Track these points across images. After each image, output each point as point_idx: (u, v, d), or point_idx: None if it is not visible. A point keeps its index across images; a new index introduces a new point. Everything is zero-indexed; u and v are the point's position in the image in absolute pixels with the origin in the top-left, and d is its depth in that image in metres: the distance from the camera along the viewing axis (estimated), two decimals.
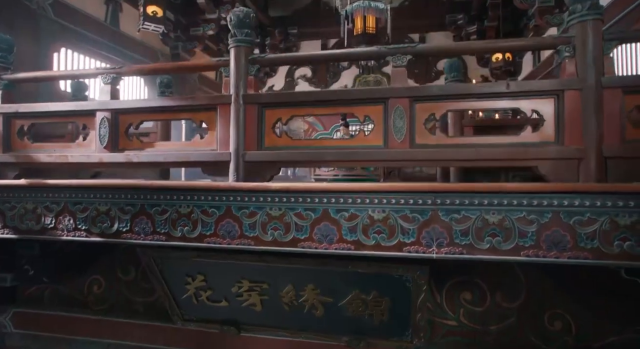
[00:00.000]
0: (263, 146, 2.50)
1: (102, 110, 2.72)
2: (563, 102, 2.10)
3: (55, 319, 3.61)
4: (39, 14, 5.49)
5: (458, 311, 2.81)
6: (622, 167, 2.03)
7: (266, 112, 2.50)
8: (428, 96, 2.26)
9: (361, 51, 2.44)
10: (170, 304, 3.19)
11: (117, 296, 3.49)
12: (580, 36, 2.09)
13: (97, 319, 3.52)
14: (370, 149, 2.33)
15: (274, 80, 12.44)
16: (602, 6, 2.08)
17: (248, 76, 2.51)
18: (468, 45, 2.44)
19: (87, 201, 2.64)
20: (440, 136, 2.24)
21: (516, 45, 2.38)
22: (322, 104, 2.46)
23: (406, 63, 2.30)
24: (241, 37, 2.50)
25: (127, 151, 2.70)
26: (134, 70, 2.86)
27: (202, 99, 2.60)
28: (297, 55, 2.93)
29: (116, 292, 3.50)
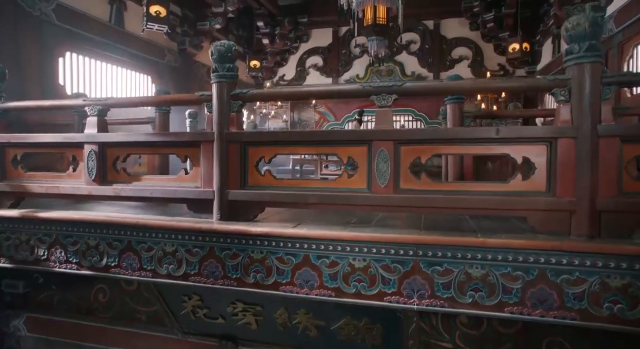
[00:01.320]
0: (247, 184, 2.46)
1: (90, 143, 2.72)
2: (556, 151, 1.97)
3: (65, 325, 3.74)
4: (42, 20, 5.49)
5: (454, 334, 2.77)
6: (617, 221, 1.91)
7: (249, 150, 2.45)
8: (414, 139, 2.15)
9: (346, 89, 2.33)
10: (170, 319, 3.27)
11: (122, 305, 3.58)
12: (577, 80, 1.93)
13: (103, 327, 3.63)
14: (354, 193, 2.26)
15: (285, 70, 12.29)
16: (602, 47, 1.91)
17: (231, 113, 2.45)
18: (460, 84, 2.30)
19: (77, 235, 2.68)
20: (426, 180, 2.14)
21: (511, 86, 2.21)
22: (306, 144, 2.39)
23: (391, 103, 2.19)
24: (223, 72, 2.43)
25: (115, 185, 2.71)
26: (120, 102, 2.83)
27: (185, 135, 2.56)
28: (281, 92, 2.83)
29: (120, 301, 3.58)
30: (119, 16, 6.86)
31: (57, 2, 5.65)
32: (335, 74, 11.86)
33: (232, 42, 2.46)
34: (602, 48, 1.91)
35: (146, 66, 7.65)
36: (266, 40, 10.96)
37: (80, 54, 6.23)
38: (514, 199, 2.02)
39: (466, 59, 10.85)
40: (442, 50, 11.03)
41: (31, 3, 5.30)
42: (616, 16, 5.86)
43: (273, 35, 11.03)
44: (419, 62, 11.20)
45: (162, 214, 2.74)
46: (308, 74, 12.16)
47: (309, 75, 12.15)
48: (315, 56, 12.06)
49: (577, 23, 1.90)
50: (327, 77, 11.96)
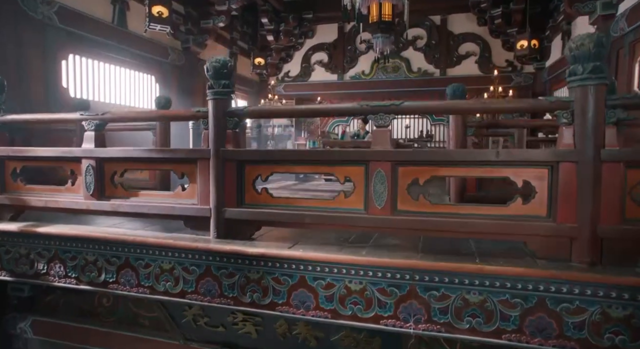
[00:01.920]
0: (243, 202, 2.44)
1: (87, 158, 2.71)
2: (557, 175, 1.91)
3: (70, 329, 3.78)
4: (44, 23, 5.47)
5: (455, 346, 2.75)
6: (620, 248, 1.86)
7: (246, 168, 2.42)
8: (412, 160, 2.11)
9: (343, 107, 2.28)
10: (171, 326, 3.29)
11: (125, 310, 3.60)
12: (580, 102, 1.87)
13: (106, 331, 3.66)
14: (351, 213, 2.22)
15: (290, 67, 12.20)
16: (606, 68, 1.84)
17: (227, 130, 2.42)
18: (456, 104, 2.24)
19: (75, 250, 2.68)
20: (423, 202, 2.10)
21: (512, 107, 2.14)
22: (303, 163, 2.35)
23: (389, 123, 2.14)
24: (218, 89, 2.39)
25: (113, 200, 2.70)
26: (118, 116, 2.81)
27: (182, 152, 2.53)
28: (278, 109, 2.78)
29: (124, 306, 3.61)
30: (121, 16, 6.82)
31: (59, 4, 5.62)
32: (341, 70, 11.76)
33: (228, 58, 2.42)
34: (606, 69, 1.84)
35: (149, 66, 7.63)
36: (270, 36, 10.87)
37: (83, 55, 6.22)
38: (514, 223, 1.97)
39: (473, 55, 10.69)
40: (448, 45, 10.87)
41: (33, 6, 5.28)
42: (628, 15, 5.70)
43: (277, 31, 10.93)
44: (425, 58, 11.06)
45: (161, 228, 2.74)
46: (313, 70, 12.08)
47: (313, 72, 12.06)
48: (320, 52, 11.95)
49: (581, 43, 1.83)
50: (332, 73, 11.86)
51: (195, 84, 8.92)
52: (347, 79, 11.75)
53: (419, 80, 11.06)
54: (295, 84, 12.09)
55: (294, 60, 12.15)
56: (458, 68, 10.86)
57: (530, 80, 10.18)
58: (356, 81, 11.62)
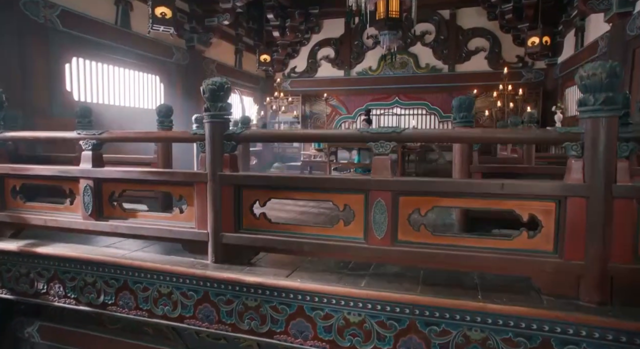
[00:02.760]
0: (241, 227, 2.39)
1: (85, 178, 2.68)
2: (565, 210, 1.83)
3: (75, 334, 3.80)
4: (46, 27, 5.43)
5: None
6: (632, 288, 1.78)
7: (243, 192, 2.37)
8: (413, 191, 2.03)
9: (342, 133, 2.20)
10: (174, 336, 3.29)
11: None
12: (591, 134, 1.77)
13: (111, 338, 3.68)
14: (351, 242, 2.16)
15: (296, 62, 12.06)
16: (620, 101, 1.73)
17: (224, 154, 2.36)
18: (461, 133, 2.15)
19: (74, 271, 2.67)
20: (425, 232, 2.03)
21: (518, 137, 2.04)
22: (301, 189, 2.29)
23: (389, 150, 2.06)
24: (215, 112, 2.34)
25: (111, 220, 2.68)
26: (115, 136, 2.76)
27: (179, 175, 2.48)
28: (276, 132, 2.72)
29: None
30: (124, 17, 6.76)
31: (61, 8, 5.57)
32: (347, 66, 11.60)
33: (224, 79, 2.35)
34: (620, 100, 1.74)
35: (154, 66, 7.57)
36: (276, 32, 10.72)
37: (86, 58, 6.18)
38: (518, 258, 1.90)
39: (483, 50, 10.45)
40: (457, 41, 10.63)
41: (35, 11, 5.24)
42: None
43: (283, 27, 10.78)
44: (433, 53, 10.85)
45: (161, 248, 2.71)
46: (319, 66, 11.92)
47: (320, 67, 11.91)
48: (326, 47, 11.78)
49: (593, 72, 1.73)
50: (339, 69, 11.71)
51: (201, 82, 8.80)
52: (354, 75, 11.60)
53: (427, 77, 10.87)
54: (302, 80, 11.97)
55: (300, 56, 12.00)
56: (467, 64, 10.64)
57: (542, 76, 9.93)
58: (363, 77, 11.46)
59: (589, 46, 7.59)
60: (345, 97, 11.75)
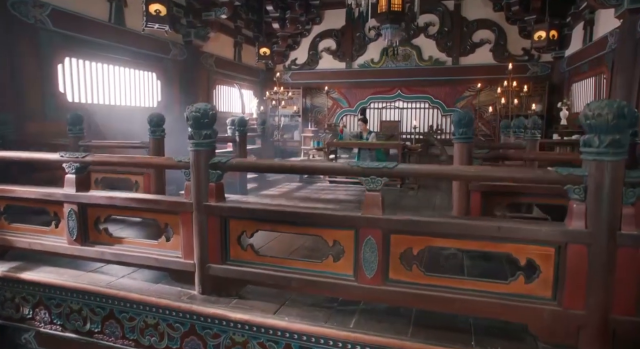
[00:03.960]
0: (228, 258, 2.31)
1: (69, 202, 2.59)
2: (565, 256, 1.72)
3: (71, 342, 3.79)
4: (37, 27, 5.28)
5: None
6: (635, 342, 1.68)
7: (230, 222, 2.28)
8: (406, 230, 1.93)
9: (336, 168, 2.09)
10: None
11: None
12: (595, 178, 1.65)
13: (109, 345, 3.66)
14: (340, 279, 2.08)
15: (297, 54, 11.82)
16: (627, 142, 1.61)
17: (209, 183, 2.26)
18: (456, 170, 2.02)
19: (59, 297, 2.61)
20: (417, 272, 1.94)
21: (516, 177, 1.91)
22: (289, 223, 2.19)
23: (381, 186, 1.95)
24: (199, 140, 2.22)
25: (97, 246, 2.60)
26: (98, 160, 2.66)
27: (164, 203, 2.39)
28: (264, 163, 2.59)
29: None
30: (118, 14, 6.57)
31: (51, 7, 5.40)
32: (349, 58, 11.36)
33: (209, 105, 2.23)
34: (627, 142, 1.61)
35: (150, 63, 7.41)
36: (276, 24, 10.47)
37: (80, 58, 6.04)
38: (515, 304, 1.80)
39: (488, 43, 10.17)
40: (462, 33, 10.34)
41: (24, 11, 5.08)
42: None
43: (283, 18, 10.52)
44: (437, 45, 10.57)
45: (149, 274, 2.63)
46: (320, 58, 11.68)
47: (321, 59, 11.67)
48: (328, 39, 11.52)
49: (598, 112, 1.60)
50: (340, 61, 11.46)
51: (199, 77, 8.70)
52: (356, 67, 11.36)
53: (430, 69, 10.63)
54: (303, 72, 11.75)
55: (301, 48, 11.76)
56: (472, 57, 10.37)
57: (548, 70, 9.67)
58: (365, 70, 11.23)
59: (597, 41, 7.34)
60: (347, 90, 11.54)
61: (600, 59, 7.16)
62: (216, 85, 9.54)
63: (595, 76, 7.43)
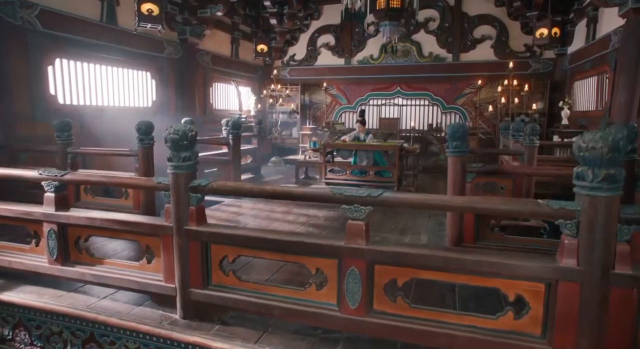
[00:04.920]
0: (210, 283, 2.24)
1: (48, 222, 2.52)
2: (556, 294, 1.64)
3: None
4: (25, 28, 5.17)
5: None
6: None
7: (212, 247, 2.20)
8: (390, 261, 1.85)
9: (317, 194, 2.00)
10: None
11: None
12: (588, 214, 1.56)
13: None
14: (323, 309, 2.00)
15: (295, 50, 11.65)
16: (622, 177, 1.51)
17: (190, 206, 2.18)
18: (443, 201, 1.93)
19: (40, 319, 2.55)
20: (402, 304, 1.86)
21: (505, 209, 1.81)
22: (271, 249, 2.10)
23: (365, 216, 1.87)
24: (178, 162, 2.14)
25: (77, 266, 2.54)
26: (78, 179, 2.58)
27: (144, 226, 2.31)
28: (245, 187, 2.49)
29: None
30: (110, 13, 6.45)
31: (40, 7, 5.29)
32: (348, 54, 11.18)
33: (189, 126, 2.14)
34: (622, 177, 1.52)
35: (144, 62, 7.29)
36: (274, 19, 10.29)
37: (71, 59, 5.93)
38: (502, 341, 1.73)
39: (489, 39, 9.98)
40: (462, 28, 10.15)
41: (11, 12, 4.97)
42: None
43: (281, 14, 10.33)
44: (437, 41, 10.38)
45: (131, 296, 2.56)
46: (319, 54, 11.51)
47: (320, 55, 11.50)
48: (326, 34, 11.34)
49: (592, 145, 1.50)
50: (339, 57, 11.29)
51: (195, 76, 8.57)
52: (355, 64, 11.20)
53: (430, 66, 10.46)
54: (301, 69, 11.59)
55: (299, 43, 11.59)
56: (472, 53, 10.19)
57: (550, 67, 9.49)
58: (364, 66, 11.06)
59: (600, 40, 7.18)
60: (346, 86, 11.39)
61: (603, 57, 7.01)
62: (213, 82, 9.42)
63: (598, 75, 7.28)
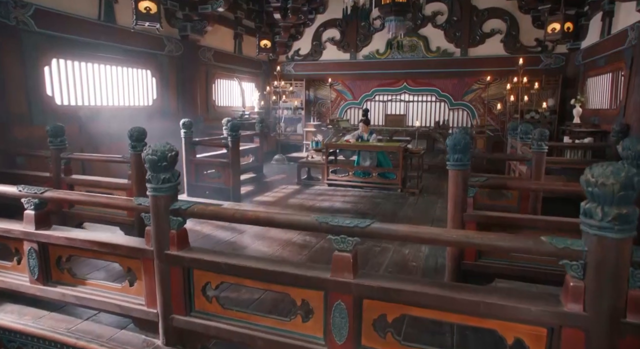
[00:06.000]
0: (193, 309, 2.13)
1: (29, 240, 2.43)
2: (559, 340, 1.49)
3: None
4: (19, 29, 5.06)
5: None
6: None
7: (194, 273, 2.09)
8: (379, 297, 1.71)
9: (302, 222, 1.86)
10: None
11: None
12: (596, 255, 1.40)
13: None
14: (309, 342, 1.88)
15: (300, 44, 11.45)
16: (636, 217, 1.35)
17: (170, 230, 2.06)
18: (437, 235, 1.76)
19: (20, 341, 2.47)
20: (391, 341, 1.73)
21: (505, 245, 1.65)
22: (254, 278, 1.98)
23: (352, 247, 1.73)
24: (157, 185, 2.01)
25: (59, 286, 2.45)
26: (58, 197, 2.47)
27: (124, 249, 2.20)
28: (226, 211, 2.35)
29: None
30: (108, 11, 6.31)
31: (35, 7, 5.17)
32: (354, 49, 10.95)
33: (168, 145, 2.01)
34: (636, 217, 1.35)
35: (144, 60, 7.17)
36: (277, 14, 10.09)
37: (68, 58, 5.82)
38: None
39: (499, 33, 9.67)
40: (471, 22, 9.85)
41: (4, 12, 4.86)
42: None
43: (285, 8, 10.12)
44: (445, 36, 10.10)
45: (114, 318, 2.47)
46: (324, 48, 11.30)
47: (325, 50, 11.28)
48: (331, 29, 11.11)
49: (602, 181, 1.34)
50: (345, 52, 11.07)
51: (197, 72, 8.43)
52: (360, 58, 10.96)
53: (437, 61, 10.19)
54: (306, 63, 11.39)
55: (304, 38, 11.37)
56: (481, 48, 9.89)
57: (562, 62, 9.17)
58: (370, 61, 10.83)
59: (616, 35, 6.86)
60: (351, 81, 11.18)
61: (618, 54, 6.70)
62: (215, 79, 9.28)
63: (613, 72, 6.99)
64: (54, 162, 4.23)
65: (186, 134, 5.77)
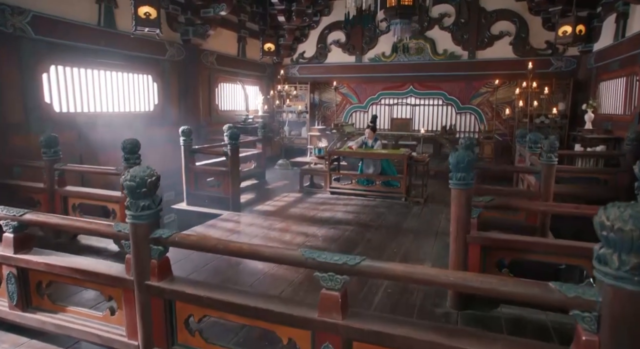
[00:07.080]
0: (176, 342, 2.01)
1: (7, 265, 2.32)
2: None
3: None
4: (17, 36, 5.00)
5: None
6: None
7: (177, 304, 1.96)
8: (370, 341, 1.57)
9: (288, 257, 1.72)
10: None
11: None
12: (611, 308, 1.25)
13: None
14: None
15: (305, 47, 11.32)
16: None
17: (151, 259, 1.94)
18: (425, 275, 1.61)
19: None
20: None
21: (504, 291, 1.49)
22: (240, 312, 1.84)
23: (341, 286, 1.59)
24: (137, 212, 1.89)
25: (39, 313, 2.34)
26: (37, 220, 2.35)
27: (103, 277, 2.08)
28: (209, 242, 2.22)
29: None
30: (108, 16, 6.24)
31: (32, 13, 5.11)
32: (359, 52, 10.79)
33: (148, 170, 1.89)
34: None
35: (145, 65, 7.09)
36: (282, 17, 9.97)
37: (67, 65, 5.75)
38: None
39: (508, 35, 9.44)
40: (479, 24, 9.63)
41: (1, 19, 4.80)
42: None
43: (289, 11, 10.00)
44: (452, 38, 9.90)
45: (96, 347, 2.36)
46: (329, 51, 11.15)
47: (330, 53, 11.14)
48: (337, 31, 10.96)
49: (619, 226, 1.18)
50: (350, 54, 10.92)
51: (199, 77, 8.34)
52: (366, 61, 10.80)
53: (444, 64, 9.98)
54: (311, 66, 11.26)
55: (309, 40, 11.25)
56: (489, 50, 9.67)
57: (573, 65, 8.92)
58: (375, 64, 10.66)
59: (631, 38, 6.62)
60: (357, 85, 11.03)
61: (633, 58, 6.46)
62: (218, 83, 9.18)
63: (627, 76, 6.74)
64: (48, 173, 4.15)
65: (185, 141, 5.67)
